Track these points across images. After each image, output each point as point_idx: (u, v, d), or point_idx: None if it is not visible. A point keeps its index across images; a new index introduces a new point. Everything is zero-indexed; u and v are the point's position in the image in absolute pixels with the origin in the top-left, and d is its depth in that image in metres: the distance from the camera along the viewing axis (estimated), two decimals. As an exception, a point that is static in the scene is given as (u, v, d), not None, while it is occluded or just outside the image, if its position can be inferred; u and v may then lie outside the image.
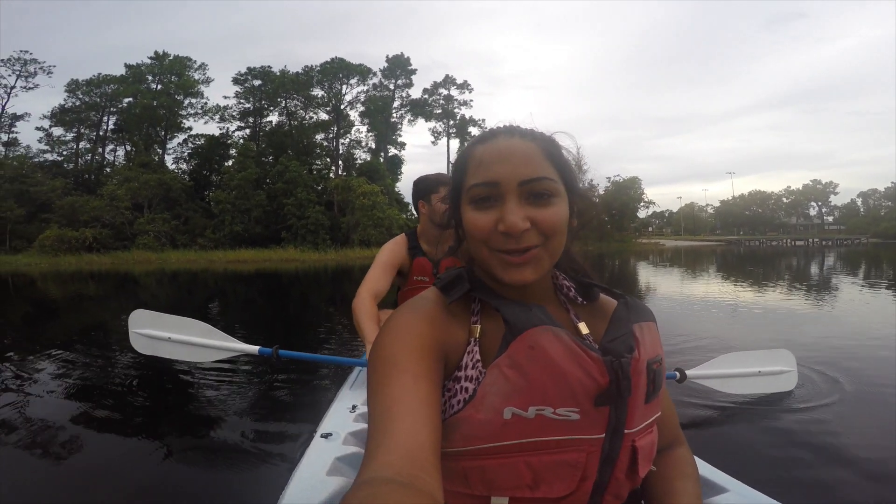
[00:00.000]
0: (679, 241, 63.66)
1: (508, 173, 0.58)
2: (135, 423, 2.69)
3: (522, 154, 0.58)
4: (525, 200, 0.58)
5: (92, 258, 27.85)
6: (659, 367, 0.61)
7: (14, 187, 32.27)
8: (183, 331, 2.39)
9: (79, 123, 40.58)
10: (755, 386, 2.60)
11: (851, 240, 58.25)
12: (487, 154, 0.60)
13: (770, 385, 2.64)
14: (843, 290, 9.03)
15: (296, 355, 2.51)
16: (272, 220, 34.72)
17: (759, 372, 2.58)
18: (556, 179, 0.59)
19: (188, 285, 14.01)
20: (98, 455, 2.25)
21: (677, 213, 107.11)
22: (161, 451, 2.31)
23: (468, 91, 48.13)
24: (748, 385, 2.59)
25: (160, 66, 41.58)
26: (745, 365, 2.58)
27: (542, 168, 0.58)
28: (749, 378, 2.57)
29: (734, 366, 2.55)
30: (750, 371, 2.56)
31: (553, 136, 0.63)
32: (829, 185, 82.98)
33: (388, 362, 0.53)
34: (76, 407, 2.86)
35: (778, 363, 2.65)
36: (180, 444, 2.40)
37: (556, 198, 0.59)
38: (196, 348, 2.36)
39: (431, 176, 2.05)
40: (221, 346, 2.35)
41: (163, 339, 2.39)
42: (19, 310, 8.65)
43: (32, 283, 14.78)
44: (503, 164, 0.58)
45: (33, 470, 2.10)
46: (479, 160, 0.60)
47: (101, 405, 2.95)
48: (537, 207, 0.58)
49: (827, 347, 4.06)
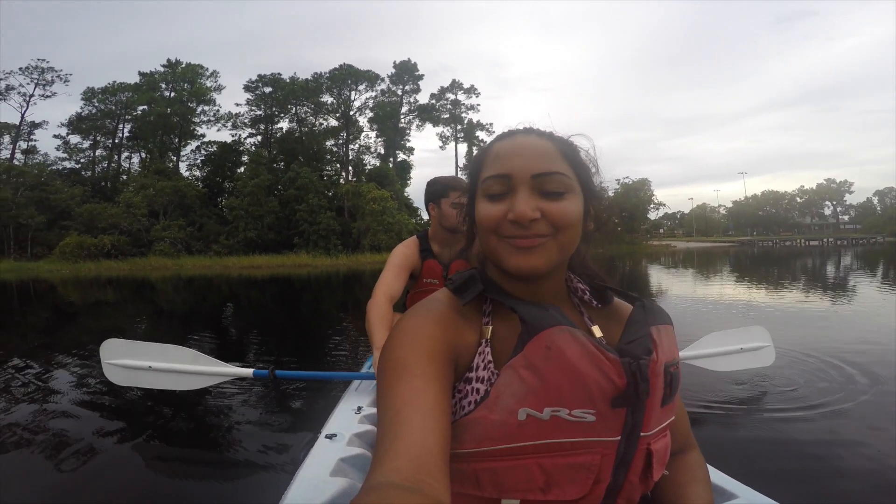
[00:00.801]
0: (690, 243, 63.08)
1: (522, 166, 0.58)
2: (140, 424, 2.71)
3: (538, 149, 0.59)
4: (537, 193, 0.58)
5: (111, 264, 28.51)
6: (676, 370, 0.61)
7: (34, 195, 33.22)
8: (164, 358, 2.23)
9: (95, 131, 41.51)
10: (739, 363, 2.70)
11: (867, 239, 57.23)
12: (504, 149, 0.61)
13: (752, 361, 2.73)
14: (861, 289, 8.88)
15: (294, 375, 2.45)
16: (284, 226, 35.21)
17: (741, 349, 2.69)
18: (570, 176, 0.60)
19: (203, 290, 14.21)
20: (102, 456, 2.27)
21: (689, 214, 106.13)
22: (166, 449, 2.36)
23: (475, 95, 48.40)
24: (732, 362, 2.68)
25: (173, 73, 42.38)
26: (727, 343, 2.68)
27: (556, 164, 0.59)
28: (733, 355, 2.67)
29: (716, 345, 2.66)
30: (732, 349, 2.66)
31: (571, 139, 0.64)
32: (843, 184, 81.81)
33: (398, 366, 0.53)
34: (83, 409, 2.94)
35: (755, 339, 2.75)
36: (185, 443, 2.43)
37: (569, 194, 0.59)
38: (181, 376, 2.22)
39: (443, 179, 2.03)
40: (210, 371, 2.23)
41: (142, 368, 2.22)
42: (40, 315, 8.94)
43: (53, 289, 15.17)
44: (518, 157, 0.59)
45: (43, 476, 2.10)
46: (495, 155, 0.61)
47: (108, 406, 3.01)
48: (549, 201, 0.58)
49: (844, 349, 4.00)
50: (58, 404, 3.10)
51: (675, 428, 0.67)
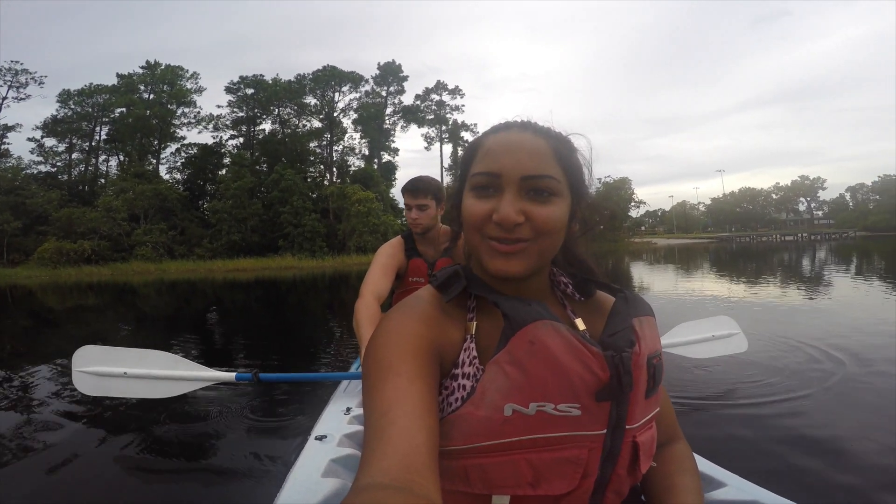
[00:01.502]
0: (671, 240, 64.27)
1: (512, 166, 0.57)
2: (129, 427, 2.68)
3: (530, 149, 0.58)
4: (524, 195, 0.58)
5: (91, 270, 27.98)
6: (659, 361, 0.61)
7: (10, 199, 32.32)
8: (142, 364, 2.16)
9: (71, 134, 40.50)
10: (714, 350, 2.77)
11: (840, 234, 59.05)
12: (496, 144, 0.60)
13: (726, 348, 2.80)
14: (837, 282, 9.17)
15: (279, 377, 2.37)
16: (269, 228, 34.93)
17: (713, 336, 2.77)
18: (559, 180, 0.59)
19: (186, 294, 14.10)
20: (88, 465, 2.23)
21: (670, 211, 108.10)
22: (154, 456, 2.33)
23: (460, 96, 48.66)
24: (707, 349, 2.75)
25: (152, 75, 41.62)
26: (699, 332, 2.76)
27: (547, 166, 0.58)
28: (706, 343, 2.75)
29: (689, 334, 2.74)
30: (705, 336, 2.75)
31: (569, 137, 0.64)
32: (817, 181, 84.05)
33: (382, 365, 0.52)
34: (64, 418, 2.90)
35: (724, 328, 2.84)
36: (173, 449, 2.40)
37: (556, 197, 0.59)
38: (158, 382, 2.15)
39: (411, 180, 2.01)
40: (190, 376, 2.16)
41: (116, 374, 2.14)
42: (19, 322, 8.79)
43: (31, 295, 14.90)
44: (509, 156, 0.58)
45: (22, 487, 2.05)
46: (487, 149, 0.60)
47: (92, 414, 2.96)
48: (535, 204, 0.58)
49: (820, 339, 4.16)
50: (38, 414, 3.02)
51: (661, 419, 0.68)
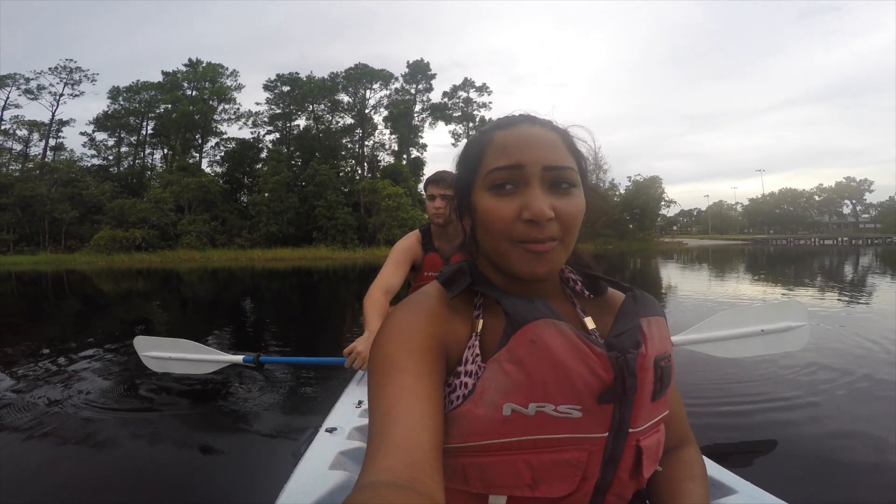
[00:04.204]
0: (704, 241, 62.59)
1: (534, 157, 0.55)
2: (142, 415, 2.76)
3: (547, 141, 0.57)
4: (548, 188, 0.56)
5: (143, 256, 30.14)
6: (667, 363, 0.58)
7: (67, 190, 35.05)
8: (178, 350, 2.57)
9: (119, 128, 43.12)
10: (755, 348, 2.23)
11: (884, 238, 55.99)
12: (511, 139, 0.57)
13: (774, 345, 2.23)
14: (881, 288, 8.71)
15: (278, 360, 2.75)
16: (304, 221, 36.61)
17: (762, 331, 2.21)
18: (576, 171, 0.58)
19: (226, 282, 14.68)
20: (100, 447, 2.31)
21: (705, 211, 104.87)
22: (167, 440, 2.40)
23: (487, 93, 48.90)
24: (748, 347, 2.22)
25: (194, 72, 43.71)
26: (743, 324, 2.23)
27: (565, 157, 0.57)
28: (749, 339, 2.21)
29: (729, 326, 2.24)
30: (750, 331, 2.21)
31: (569, 129, 0.62)
32: (863, 183, 79.74)
33: (387, 361, 0.52)
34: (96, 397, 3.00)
35: (786, 318, 2.23)
36: (186, 436, 2.46)
37: (576, 188, 0.57)
38: (193, 363, 2.57)
39: (436, 172, 2.00)
40: (210, 359, 2.53)
41: (165, 358, 2.59)
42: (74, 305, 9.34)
43: (87, 280, 15.84)
44: (529, 148, 0.56)
45: (46, 463, 2.15)
46: (501, 145, 0.58)
47: (116, 394, 3.09)
48: (559, 197, 0.56)
49: (857, 346, 3.95)
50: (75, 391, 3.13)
51: (671, 422, 0.65)
